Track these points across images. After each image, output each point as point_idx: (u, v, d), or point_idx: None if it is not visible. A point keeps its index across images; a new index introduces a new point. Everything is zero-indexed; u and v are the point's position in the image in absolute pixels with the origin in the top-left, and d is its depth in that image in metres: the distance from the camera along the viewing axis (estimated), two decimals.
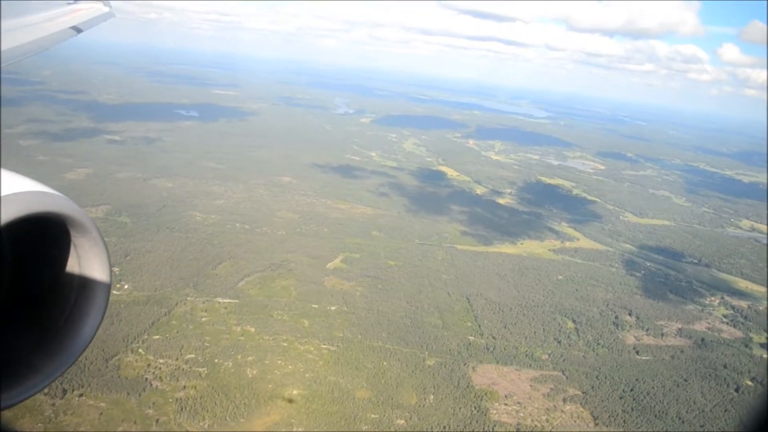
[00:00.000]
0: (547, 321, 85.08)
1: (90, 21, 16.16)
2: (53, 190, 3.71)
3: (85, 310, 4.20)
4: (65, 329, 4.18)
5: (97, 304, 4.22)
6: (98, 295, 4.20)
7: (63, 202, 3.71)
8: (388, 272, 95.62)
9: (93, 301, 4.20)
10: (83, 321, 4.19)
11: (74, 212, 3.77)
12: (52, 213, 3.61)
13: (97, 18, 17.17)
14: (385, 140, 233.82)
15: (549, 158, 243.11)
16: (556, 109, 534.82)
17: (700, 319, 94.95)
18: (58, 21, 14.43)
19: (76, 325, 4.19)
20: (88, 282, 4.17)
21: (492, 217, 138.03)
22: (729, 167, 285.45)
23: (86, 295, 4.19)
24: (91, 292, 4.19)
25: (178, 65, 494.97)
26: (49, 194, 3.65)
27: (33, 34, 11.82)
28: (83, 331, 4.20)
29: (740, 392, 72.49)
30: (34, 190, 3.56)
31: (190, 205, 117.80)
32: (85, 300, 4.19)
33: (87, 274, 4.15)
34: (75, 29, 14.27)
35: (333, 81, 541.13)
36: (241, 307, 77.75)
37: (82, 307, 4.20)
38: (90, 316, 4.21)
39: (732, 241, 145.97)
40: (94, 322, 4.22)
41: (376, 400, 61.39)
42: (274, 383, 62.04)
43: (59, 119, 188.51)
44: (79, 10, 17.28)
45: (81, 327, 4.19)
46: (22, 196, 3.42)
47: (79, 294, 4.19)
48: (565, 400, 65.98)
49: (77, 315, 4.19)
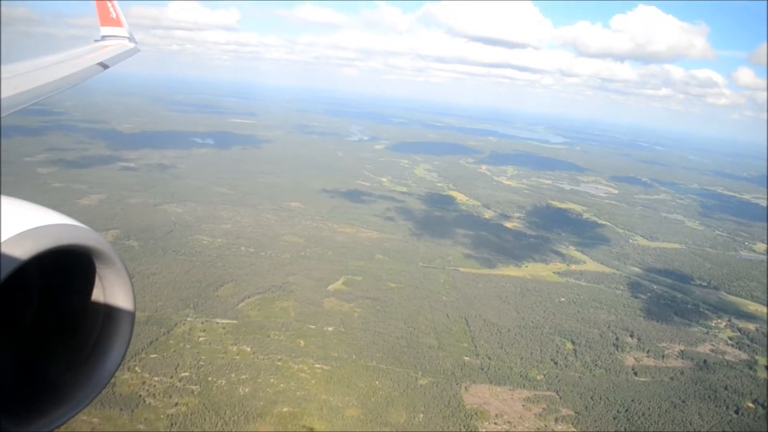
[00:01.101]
0: (545, 342, 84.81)
1: (116, 57, 17.28)
2: (80, 223, 3.84)
3: (111, 340, 4.27)
4: (91, 359, 4.24)
5: (122, 335, 4.29)
6: (123, 325, 4.28)
7: (89, 235, 3.83)
8: (388, 294, 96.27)
9: (118, 331, 4.27)
10: (108, 351, 4.27)
11: (100, 244, 3.88)
12: (78, 245, 3.72)
13: (123, 54, 18.43)
14: (397, 166, 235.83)
15: (562, 183, 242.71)
16: (572, 135, 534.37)
17: (704, 341, 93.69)
18: (86, 58, 15.61)
19: (101, 355, 4.25)
20: (113, 312, 4.25)
21: (497, 240, 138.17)
22: (747, 191, 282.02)
23: (111, 325, 4.26)
24: (115, 322, 4.27)
25: (198, 95, 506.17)
26: (76, 227, 3.77)
27: (63, 70, 12.69)
28: (109, 360, 4.27)
29: (740, 414, 71.40)
30: (62, 223, 3.69)
31: (198, 230, 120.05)
32: (110, 330, 4.27)
33: (112, 305, 4.23)
34: (102, 65, 15.24)
35: (349, 109, 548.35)
36: (239, 327, 78.93)
37: (108, 338, 4.27)
38: (115, 346, 4.27)
39: (744, 264, 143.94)
40: (119, 351, 4.30)
41: (365, 418, 61.76)
42: (264, 401, 62.80)
43: (77, 147, 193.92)
44: (106, 47, 18.76)
45: (106, 357, 4.26)
46: (51, 229, 3.55)
47: (105, 324, 4.27)
48: (556, 420, 65.65)
49: (103, 345, 4.27)
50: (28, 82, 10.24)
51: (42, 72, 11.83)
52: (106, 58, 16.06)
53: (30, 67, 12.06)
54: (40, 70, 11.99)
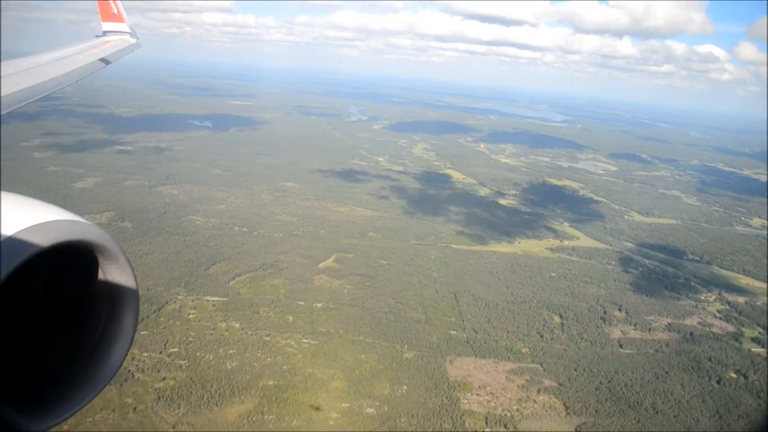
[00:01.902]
0: (533, 316, 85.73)
1: (118, 53, 17.57)
2: (82, 219, 3.87)
3: (114, 336, 4.27)
4: (96, 354, 4.26)
5: (126, 329, 4.30)
6: (127, 319, 4.29)
7: (92, 230, 3.86)
8: (379, 271, 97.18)
9: (122, 325, 4.28)
10: (112, 346, 4.27)
11: (103, 240, 3.90)
12: (81, 241, 3.75)
13: (125, 49, 18.74)
14: (395, 146, 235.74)
15: (560, 161, 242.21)
16: (574, 113, 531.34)
17: (692, 314, 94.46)
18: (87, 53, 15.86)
19: (106, 350, 4.27)
20: (117, 307, 4.25)
21: (491, 217, 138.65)
22: (748, 167, 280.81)
23: (115, 321, 4.27)
24: (119, 317, 4.27)
25: (197, 78, 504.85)
26: (78, 222, 3.80)
27: (64, 67, 12.94)
28: (113, 355, 4.28)
29: (722, 384, 72.31)
30: (64, 219, 3.71)
31: (192, 210, 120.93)
32: (114, 325, 4.28)
33: (115, 300, 4.24)
34: (103, 61, 15.52)
35: (350, 90, 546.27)
36: (228, 304, 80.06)
37: (111, 333, 4.28)
38: (119, 341, 4.29)
39: (738, 239, 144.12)
40: (124, 345, 4.30)
41: (349, 390, 62.93)
42: (251, 375, 64.02)
43: (74, 132, 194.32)
44: (107, 43, 19.12)
45: (111, 351, 4.27)
46: (53, 224, 3.57)
47: (108, 319, 4.28)
48: (539, 391, 66.69)
49: (106, 340, 4.27)
50: (29, 79, 10.40)
51: (43, 68, 12.04)
52: (107, 54, 16.34)
53: (31, 64, 12.31)
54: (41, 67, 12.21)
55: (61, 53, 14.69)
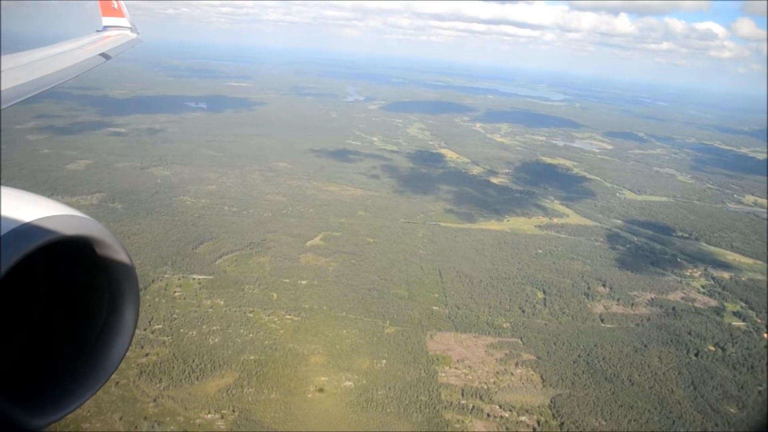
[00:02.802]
0: (516, 292, 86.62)
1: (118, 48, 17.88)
2: (82, 214, 3.87)
3: (114, 331, 4.27)
4: (97, 348, 4.25)
5: (126, 323, 4.29)
6: (127, 314, 4.27)
7: (92, 225, 3.84)
8: (365, 249, 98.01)
9: (122, 320, 4.27)
10: (113, 341, 4.27)
11: (103, 235, 3.88)
12: (81, 236, 3.74)
13: (125, 44, 19.10)
14: (390, 126, 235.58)
15: (556, 139, 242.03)
16: (574, 92, 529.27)
17: (675, 289, 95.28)
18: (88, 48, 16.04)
19: (106, 344, 4.26)
20: (117, 301, 4.24)
21: (481, 196, 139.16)
22: (746, 145, 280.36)
23: (115, 316, 4.26)
24: (119, 312, 4.26)
25: (195, 59, 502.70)
26: (78, 218, 3.79)
27: (65, 61, 12.95)
28: (113, 351, 4.27)
29: (700, 357, 73.35)
30: (64, 214, 3.71)
31: (183, 191, 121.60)
32: (114, 320, 4.26)
33: (115, 295, 4.22)
34: (104, 56, 15.61)
35: (349, 70, 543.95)
36: (214, 282, 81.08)
37: (111, 328, 4.26)
38: (120, 335, 4.28)
39: (729, 216, 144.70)
40: (125, 340, 4.29)
41: (329, 364, 64.03)
42: (232, 350, 65.11)
43: (67, 114, 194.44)
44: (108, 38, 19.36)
45: (111, 347, 4.26)
46: (53, 220, 3.57)
47: (109, 313, 4.26)
48: (517, 364, 67.72)
49: (107, 336, 4.26)
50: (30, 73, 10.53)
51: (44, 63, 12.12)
52: (107, 49, 16.51)
53: (32, 58, 12.40)
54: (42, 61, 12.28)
55: (61, 48, 14.76)
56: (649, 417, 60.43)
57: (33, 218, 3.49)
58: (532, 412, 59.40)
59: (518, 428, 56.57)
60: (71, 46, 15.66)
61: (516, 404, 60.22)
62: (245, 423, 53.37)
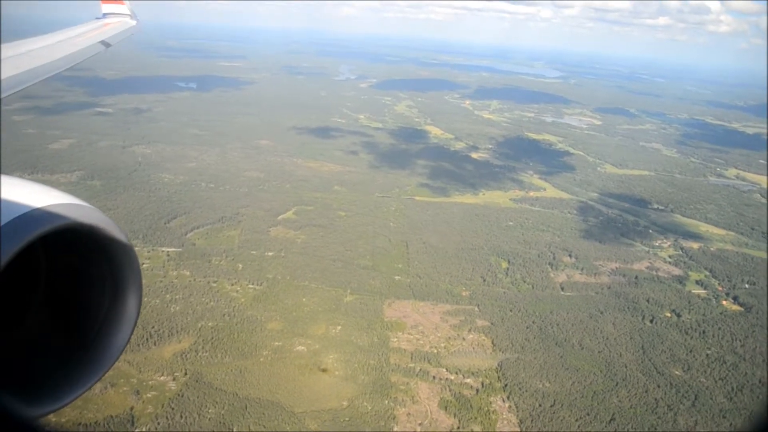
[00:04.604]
0: (480, 262, 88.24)
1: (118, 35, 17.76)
2: (84, 202, 3.87)
3: (117, 320, 4.25)
4: (98, 338, 4.23)
5: (129, 313, 4.27)
6: (130, 303, 4.27)
7: (94, 214, 3.85)
8: (336, 222, 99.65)
9: (125, 309, 4.26)
10: (115, 331, 4.25)
11: (105, 223, 3.88)
12: (83, 224, 3.72)
13: (125, 32, 18.92)
14: (379, 103, 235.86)
15: (545, 116, 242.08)
16: (572, 69, 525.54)
17: (642, 259, 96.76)
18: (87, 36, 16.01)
19: (108, 335, 4.24)
20: (120, 290, 4.23)
21: (459, 170, 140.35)
22: (737, 120, 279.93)
23: (117, 305, 4.25)
24: (122, 301, 4.25)
25: (190, 40, 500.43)
26: (80, 206, 3.79)
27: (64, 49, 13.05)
28: (115, 340, 4.25)
29: (654, 322, 75.11)
30: (67, 203, 3.71)
31: (162, 168, 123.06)
32: (117, 310, 4.25)
33: (118, 283, 4.21)
34: (104, 44, 15.58)
35: (345, 49, 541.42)
36: (182, 254, 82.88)
37: (114, 318, 4.25)
38: (122, 325, 4.27)
39: (708, 189, 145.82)
40: (126, 329, 4.27)
41: (285, 330, 65.93)
42: (192, 317, 66.99)
43: (54, 95, 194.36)
44: (107, 25, 19.22)
45: (113, 335, 4.24)
46: (54, 208, 3.56)
47: (111, 303, 4.25)
48: (470, 330, 69.47)
49: (109, 325, 4.24)
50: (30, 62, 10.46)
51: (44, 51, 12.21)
52: (107, 37, 16.50)
53: (32, 46, 12.44)
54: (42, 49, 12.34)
55: (61, 36, 14.80)
56: (593, 379, 62.26)
57: (34, 207, 3.49)
58: (478, 374, 61.25)
59: (462, 390, 58.44)
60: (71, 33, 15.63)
61: (463, 368, 62.07)
62: (195, 384, 55.40)
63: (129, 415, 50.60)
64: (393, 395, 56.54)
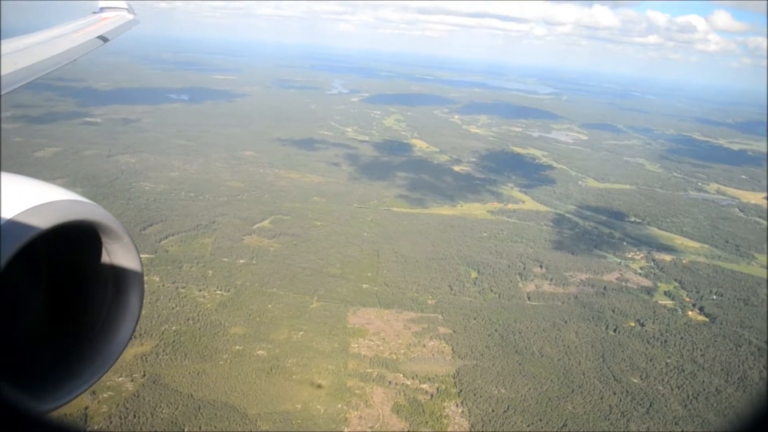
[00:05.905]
0: (449, 271, 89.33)
1: (116, 30, 17.28)
2: (85, 199, 3.87)
3: (120, 316, 4.28)
4: (101, 335, 4.26)
5: (131, 308, 4.31)
6: (132, 298, 4.30)
7: (95, 210, 3.85)
8: (310, 231, 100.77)
9: (127, 304, 4.30)
10: (118, 326, 4.28)
11: (106, 219, 3.89)
12: (84, 221, 3.72)
13: (123, 26, 18.48)
14: (367, 117, 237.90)
15: (532, 131, 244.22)
16: (564, 86, 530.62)
17: (612, 270, 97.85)
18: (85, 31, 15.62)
19: (111, 331, 4.28)
20: (122, 286, 4.27)
21: (439, 183, 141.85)
22: (724, 136, 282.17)
23: (120, 301, 4.28)
24: (124, 297, 4.28)
25: (186, 53, 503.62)
26: (81, 203, 3.80)
27: (62, 45, 12.71)
28: (118, 336, 4.29)
29: (617, 332, 76.13)
30: (68, 199, 3.71)
31: (144, 177, 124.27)
32: (119, 305, 4.29)
33: (120, 280, 4.25)
34: (102, 39, 15.17)
35: (339, 64, 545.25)
36: (154, 261, 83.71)
37: (117, 313, 4.28)
38: (124, 321, 4.30)
39: (686, 203, 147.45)
40: (129, 326, 4.30)
41: (247, 335, 66.83)
42: (157, 321, 67.76)
43: (44, 105, 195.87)
44: (105, 19, 18.64)
45: (116, 332, 4.28)
46: (56, 205, 3.56)
47: (114, 298, 4.29)
48: (431, 338, 70.37)
49: (112, 320, 4.28)
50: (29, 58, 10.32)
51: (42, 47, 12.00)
52: (105, 31, 16.14)
53: (29, 43, 12.30)
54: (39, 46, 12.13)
55: (58, 31, 14.64)
56: (550, 386, 63.14)
57: (35, 204, 3.47)
58: (435, 380, 62.09)
59: (416, 395, 59.27)
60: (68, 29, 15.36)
61: (421, 373, 62.93)
62: (152, 385, 56.20)
63: (83, 414, 51.29)
64: (347, 399, 57.39)
